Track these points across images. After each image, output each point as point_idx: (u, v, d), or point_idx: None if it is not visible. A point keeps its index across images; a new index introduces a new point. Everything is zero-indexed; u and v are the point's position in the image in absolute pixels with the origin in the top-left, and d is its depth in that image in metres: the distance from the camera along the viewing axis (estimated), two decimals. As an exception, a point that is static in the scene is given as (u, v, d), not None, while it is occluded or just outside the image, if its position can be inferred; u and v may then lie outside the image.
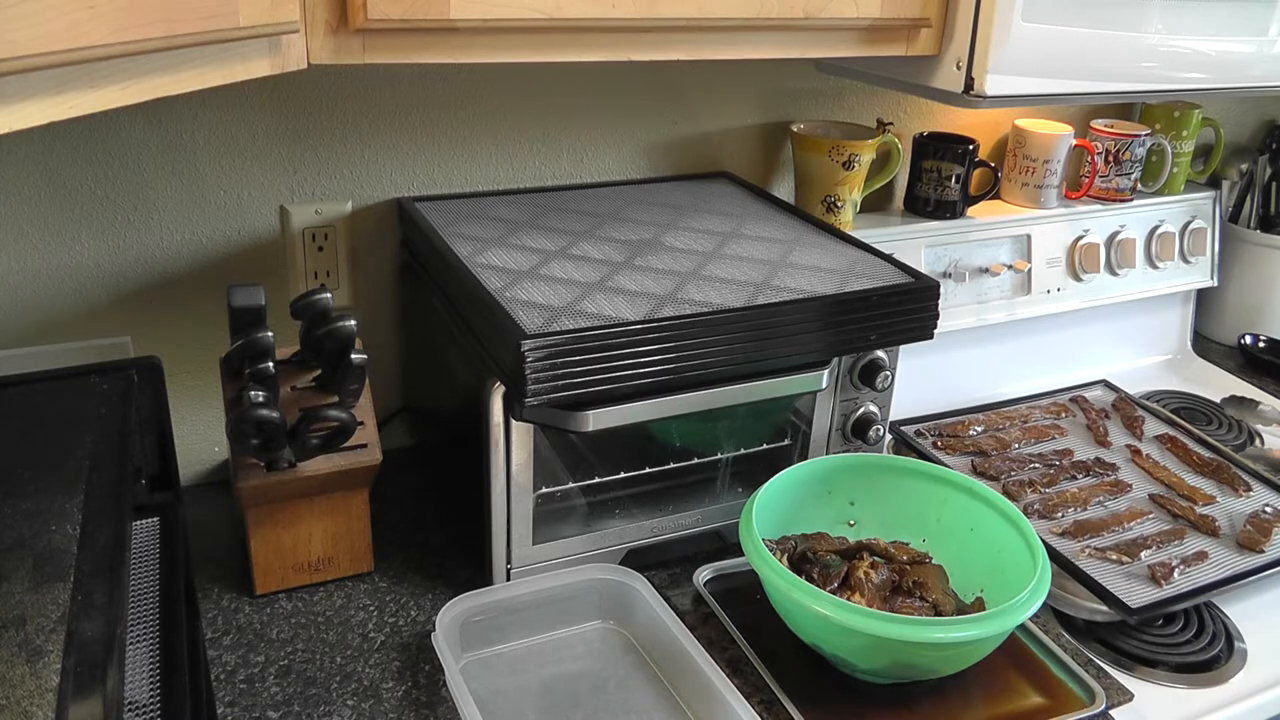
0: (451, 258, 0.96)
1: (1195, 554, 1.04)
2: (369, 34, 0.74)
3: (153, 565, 0.63)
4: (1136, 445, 1.25)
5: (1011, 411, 1.31)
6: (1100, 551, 1.03)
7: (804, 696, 0.85)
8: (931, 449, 1.19)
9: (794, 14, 0.86)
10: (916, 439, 1.21)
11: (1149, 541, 1.05)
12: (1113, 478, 1.17)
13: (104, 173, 0.99)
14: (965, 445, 1.21)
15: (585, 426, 0.87)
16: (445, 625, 0.86)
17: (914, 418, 1.26)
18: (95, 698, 0.43)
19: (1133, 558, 1.02)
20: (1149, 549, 1.04)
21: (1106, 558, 1.02)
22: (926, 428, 1.24)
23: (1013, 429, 1.26)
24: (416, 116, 1.10)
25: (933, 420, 1.26)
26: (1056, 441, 1.25)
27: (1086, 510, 1.10)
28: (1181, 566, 1.01)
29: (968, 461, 1.18)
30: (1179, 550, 1.04)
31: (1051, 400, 1.34)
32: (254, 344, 0.87)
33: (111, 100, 0.57)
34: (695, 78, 1.23)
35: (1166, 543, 1.05)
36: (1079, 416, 1.31)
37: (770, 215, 1.14)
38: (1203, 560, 1.03)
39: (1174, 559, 1.02)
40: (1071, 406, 1.33)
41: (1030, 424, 1.28)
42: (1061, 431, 1.27)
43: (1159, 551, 1.04)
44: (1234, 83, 1.09)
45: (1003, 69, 0.93)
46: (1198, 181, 1.61)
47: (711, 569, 0.99)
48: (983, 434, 1.23)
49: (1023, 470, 1.16)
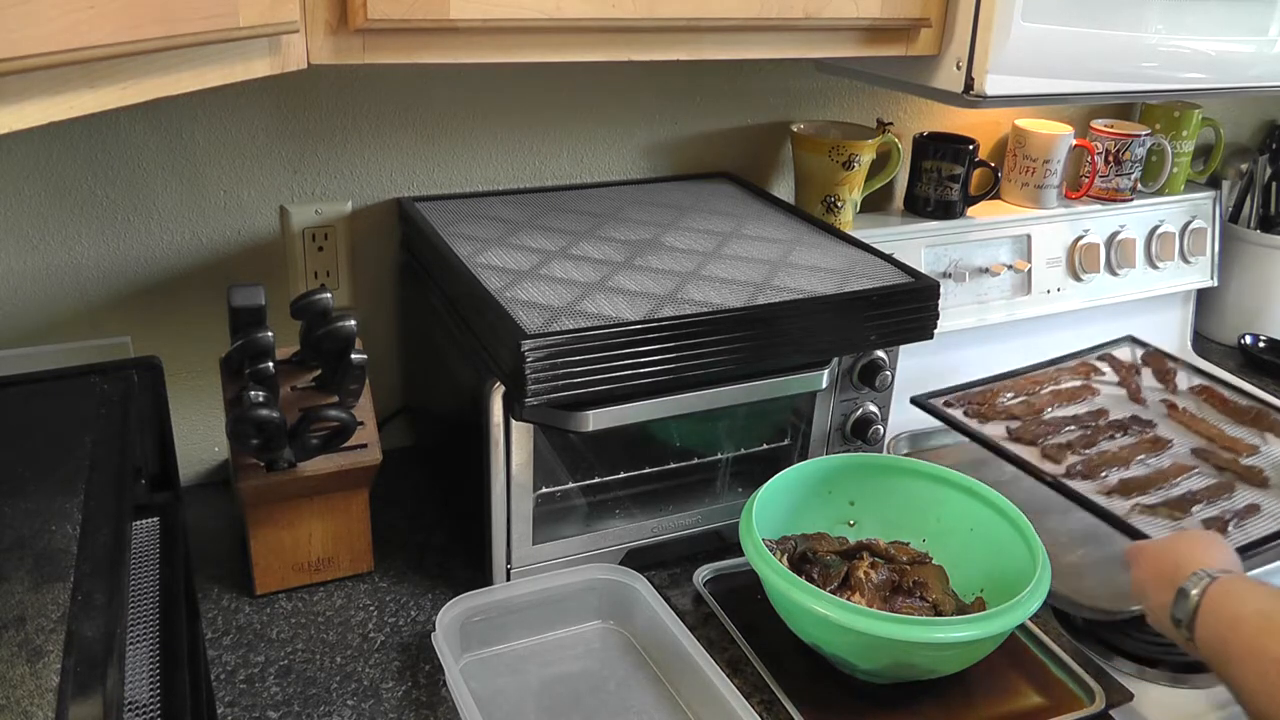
0: (451, 258, 0.96)
1: (1246, 507, 1.01)
2: (369, 34, 0.74)
3: (153, 565, 0.62)
4: (1172, 400, 1.20)
5: (1039, 375, 1.25)
6: (1151, 509, 0.99)
7: (804, 696, 0.85)
8: (963, 418, 1.14)
9: (794, 14, 0.86)
10: (946, 409, 1.15)
11: (1198, 497, 1.02)
12: (1152, 434, 1.13)
13: (104, 173, 0.99)
14: (998, 412, 1.15)
15: (585, 426, 0.87)
16: (445, 625, 0.86)
17: (939, 390, 1.21)
18: (95, 698, 0.43)
19: (1184, 513, 0.99)
20: (1199, 504, 1.01)
21: (1157, 514, 0.99)
22: (955, 398, 1.19)
23: (1044, 393, 1.21)
24: (416, 116, 1.10)
25: (960, 390, 1.21)
26: (1090, 402, 1.20)
27: (1129, 469, 1.07)
28: (1236, 520, 0.98)
29: (1002, 428, 1.13)
30: (1229, 504, 1.02)
31: (1079, 360, 1.29)
32: (254, 344, 0.87)
33: (111, 100, 0.57)
34: (695, 78, 1.23)
35: (1216, 497, 1.02)
36: (1109, 374, 1.26)
37: (770, 215, 1.14)
38: (1255, 514, 1.00)
39: (1226, 514, 0.99)
40: (1100, 365, 1.28)
41: (1061, 386, 1.23)
42: (1093, 392, 1.22)
43: (1209, 506, 1.01)
44: (1234, 83, 1.09)
45: (1003, 69, 0.93)
46: (1198, 181, 1.60)
47: (711, 569, 0.99)
48: (1014, 400, 1.18)
49: (1059, 433, 1.12)
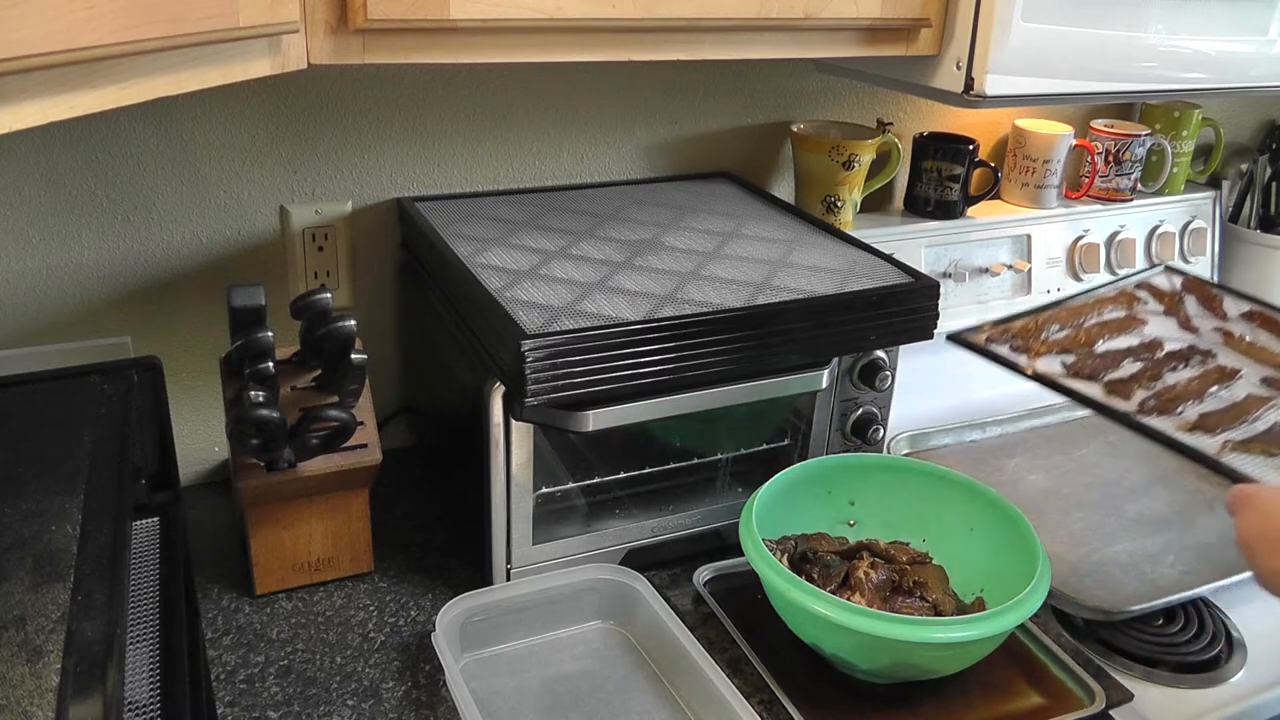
0: (451, 258, 0.96)
1: None
2: (369, 34, 0.74)
3: (153, 565, 0.62)
4: (1225, 327, 1.12)
5: (1078, 305, 1.16)
6: (1243, 445, 0.91)
7: (804, 696, 0.85)
8: (1011, 354, 1.05)
9: (794, 14, 0.86)
10: (990, 345, 1.06)
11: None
12: (1215, 365, 1.04)
13: (104, 173, 0.99)
14: (1046, 346, 1.06)
15: (585, 426, 0.87)
16: (445, 625, 0.86)
17: (973, 327, 1.10)
18: (95, 698, 0.43)
19: (1279, 448, 0.92)
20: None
21: (1250, 451, 0.91)
22: (996, 332, 1.09)
23: (1089, 324, 1.12)
24: (416, 116, 1.10)
25: (999, 324, 1.10)
26: (1140, 333, 1.11)
27: (1203, 402, 0.98)
28: None
29: (1057, 363, 1.04)
30: None
31: (1118, 290, 1.20)
32: (254, 344, 0.87)
33: (111, 100, 0.57)
34: (695, 78, 1.23)
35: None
36: (1151, 303, 1.17)
37: (770, 215, 1.14)
38: None
39: None
40: (1141, 294, 1.20)
41: (1106, 318, 1.14)
42: (1141, 321, 1.13)
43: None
44: (1234, 83, 1.09)
45: (1003, 69, 0.93)
46: (1198, 181, 1.61)
47: (711, 569, 0.99)
48: (1060, 333, 1.09)
49: (1119, 367, 1.03)
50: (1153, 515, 1.13)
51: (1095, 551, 1.06)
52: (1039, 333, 1.06)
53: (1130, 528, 1.11)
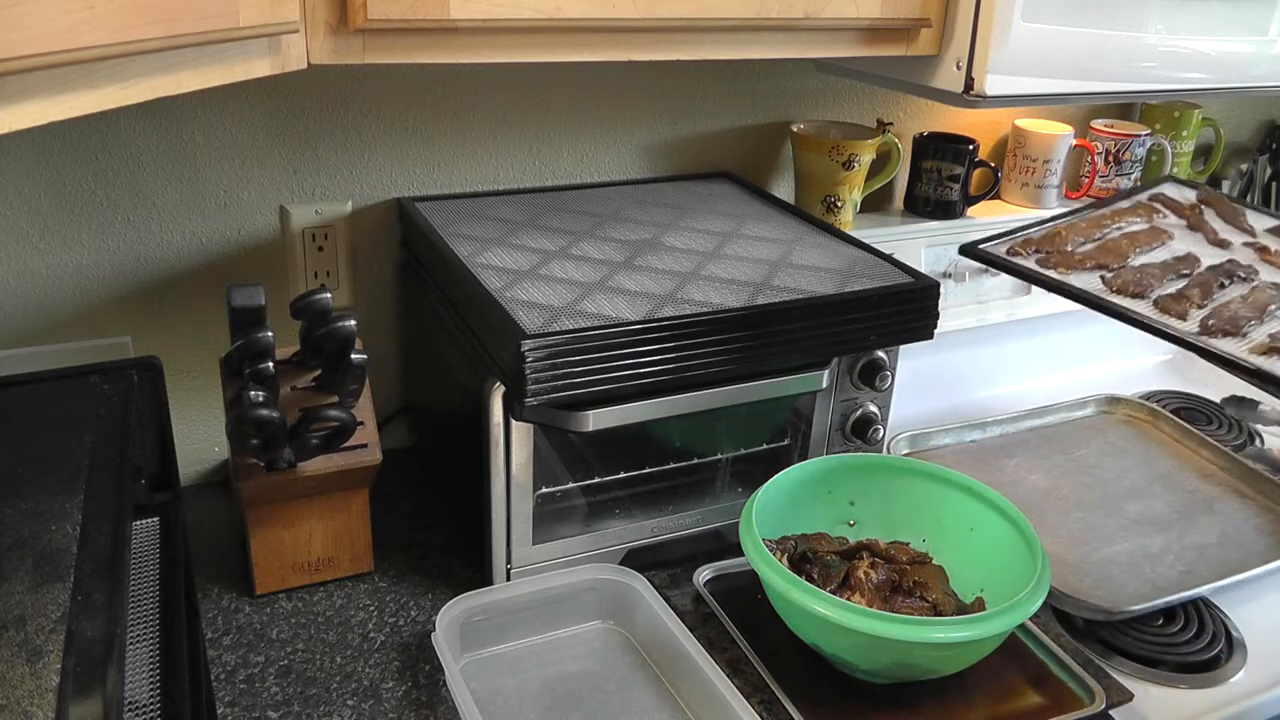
0: (451, 258, 0.96)
1: None
2: (369, 34, 0.74)
3: (153, 565, 0.62)
4: (1258, 242, 1.06)
5: (1097, 216, 1.09)
6: None
7: (804, 696, 0.85)
8: (1040, 268, 0.96)
9: (794, 14, 0.86)
10: (1013, 259, 0.96)
11: None
12: (1265, 281, 0.97)
13: (104, 173, 0.99)
14: (1076, 260, 0.98)
15: (585, 426, 0.87)
16: (445, 625, 0.86)
17: (988, 238, 1.03)
18: (95, 698, 0.43)
19: None
20: None
21: None
22: (1018, 244, 1.00)
23: (1116, 236, 1.04)
24: (416, 116, 1.10)
25: (1016, 235, 1.02)
26: (1169, 247, 1.04)
27: (1266, 322, 0.91)
28: None
29: (1094, 279, 0.96)
30: None
31: (1133, 201, 1.13)
32: (254, 344, 0.87)
33: (111, 100, 0.57)
34: (695, 78, 1.23)
35: None
36: (1171, 217, 1.10)
37: (770, 215, 1.14)
38: None
39: None
40: (1157, 206, 1.13)
41: (1131, 229, 1.07)
42: (1167, 234, 1.06)
43: None
44: (1234, 83, 1.09)
45: (1003, 69, 0.93)
46: (1197, 181, 1.60)
47: (711, 569, 0.99)
48: (1088, 246, 1.01)
49: (1162, 283, 0.95)
50: (1153, 515, 1.13)
51: (1095, 551, 1.06)
52: (1065, 243, 0.98)
53: (1130, 528, 1.11)
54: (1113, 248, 1.00)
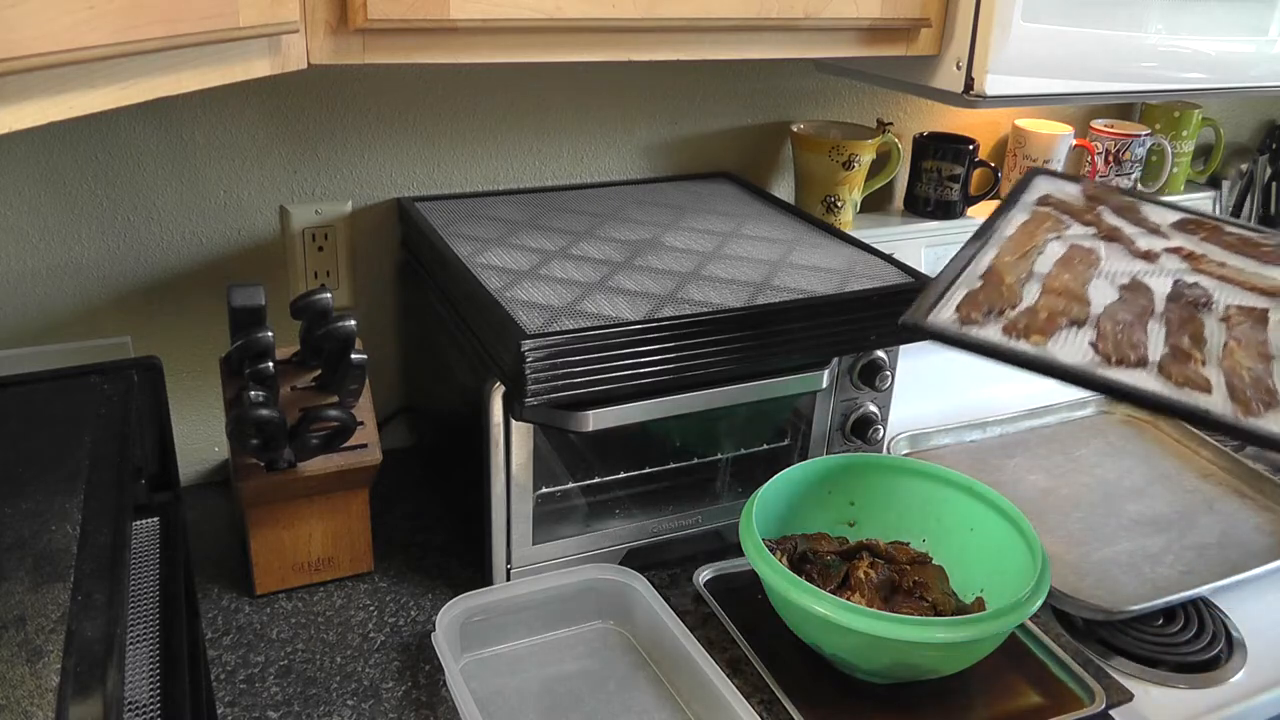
0: (451, 258, 0.96)
1: None
2: (369, 34, 0.74)
3: (153, 565, 0.62)
4: (1177, 246, 0.94)
5: (1012, 240, 0.90)
6: None
7: (804, 696, 0.85)
8: (1009, 341, 0.75)
9: (794, 14, 0.86)
10: (973, 332, 0.77)
11: None
12: (1234, 306, 0.85)
13: (104, 173, 0.99)
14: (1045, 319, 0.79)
15: (585, 426, 0.87)
16: (445, 625, 0.86)
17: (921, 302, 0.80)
18: (95, 698, 0.43)
19: None
20: None
21: None
22: (965, 305, 0.79)
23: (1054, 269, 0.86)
24: (416, 116, 1.10)
25: (946, 294, 0.81)
26: (1106, 272, 0.88)
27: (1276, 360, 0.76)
28: None
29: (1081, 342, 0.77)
30: None
31: (1028, 212, 0.96)
32: (254, 344, 0.87)
33: (111, 100, 0.57)
34: (695, 78, 1.23)
35: None
36: (1073, 224, 0.95)
37: (770, 215, 1.14)
38: None
39: None
40: (1053, 214, 0.96)
41: (1057, 251, 0.89)
42: (1094, 254, 0.89)
43: None
44: (1234, 83, 1.09)
45: (1003, 69, 0.93)
46: (1198, 181, 1.61)
47: (711, 569, 0.99)
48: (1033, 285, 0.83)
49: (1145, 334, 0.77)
50: (1153, 515, 1.13)
51: (1095, 551, 1.06)
52: (1013, 290, 0.84)
53: (1130, 528, 1.11)
54: (1063, 288, 0.85)
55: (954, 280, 0.82)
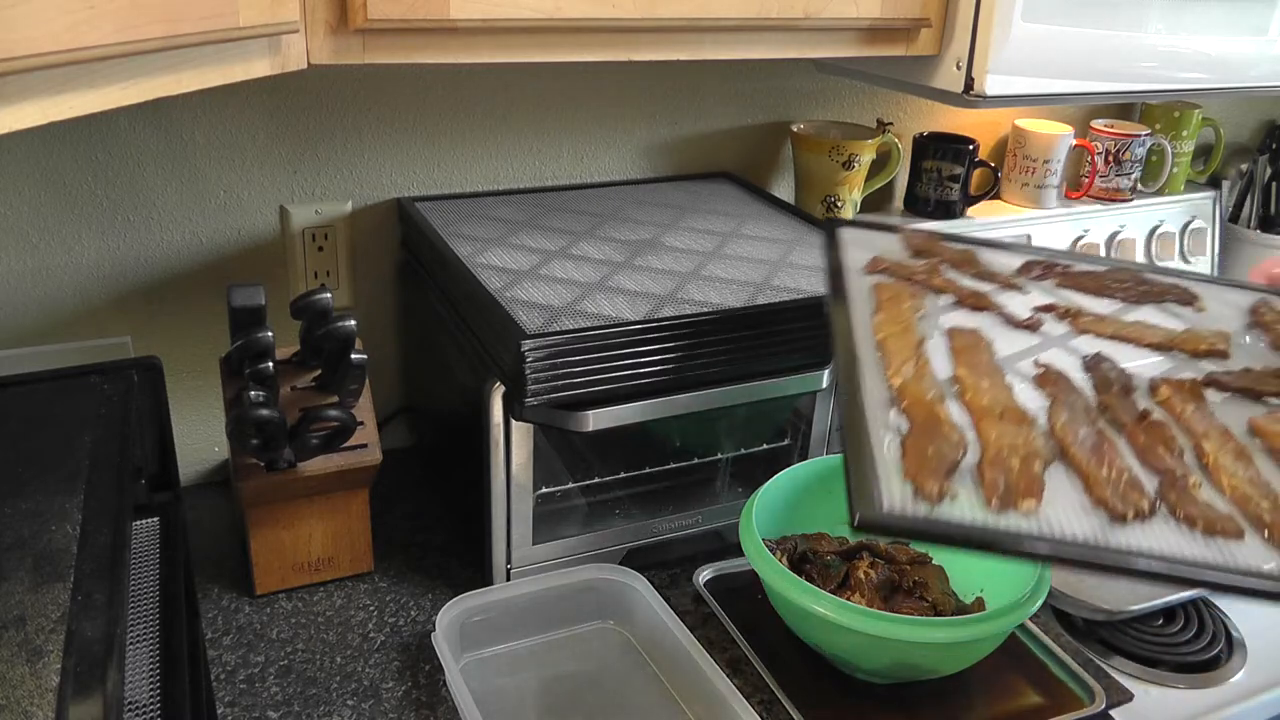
0: (451, 258, 0.96)
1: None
2: (369, 34, 0.74)
3: (153, 565, 0.62)
4: (1055, 304, 0.82)
5: (894, 333, 0.74)
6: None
7: (804, 696, 0.85)
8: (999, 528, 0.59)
9: (794, 14, 0.86)
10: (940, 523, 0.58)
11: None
12: (1136, 371, 0.74)
13: (104, 173, 0.99)
14: (1016, 482, 0.62)
15: (585, 426, 0.87)
16: (445, 625, 0.86)
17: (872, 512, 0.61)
18: (95, 698, 0.43)
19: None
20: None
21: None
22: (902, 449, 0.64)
23: (961, 373, 0.71)
24: (416, 116, 1.10)
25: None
26: (1005, 357, 0.74)
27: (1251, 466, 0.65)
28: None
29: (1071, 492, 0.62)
30: None
31: (865, 287, 0.81)
32: (254, 344, 0.87)
33: (111, 100, 0.57)
34: (695, 78, 1.23)
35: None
36: (928, 299, 0.79)
37: (770, 215, 1.14)
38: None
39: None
40: (896, 285, 0.80)
41: (939, 340, 0.74)
42: (981, 337, 0.74)
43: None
44: (1234, 83, 1.09)
45: (1003, 69, 0.93)
46: (1198, 181, 1.61)
47: (711, 569, 0.99)
48: (954, 404, 0.67)
49: (1105, 455, 0.64)
50: (1153, 515, 1.13)
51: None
52: (954, 433, 0.65)
53: (1130, 528, 1.10)
54: (993, 403, 0.67)
55: (873, 432, 0.64)
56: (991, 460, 0.62)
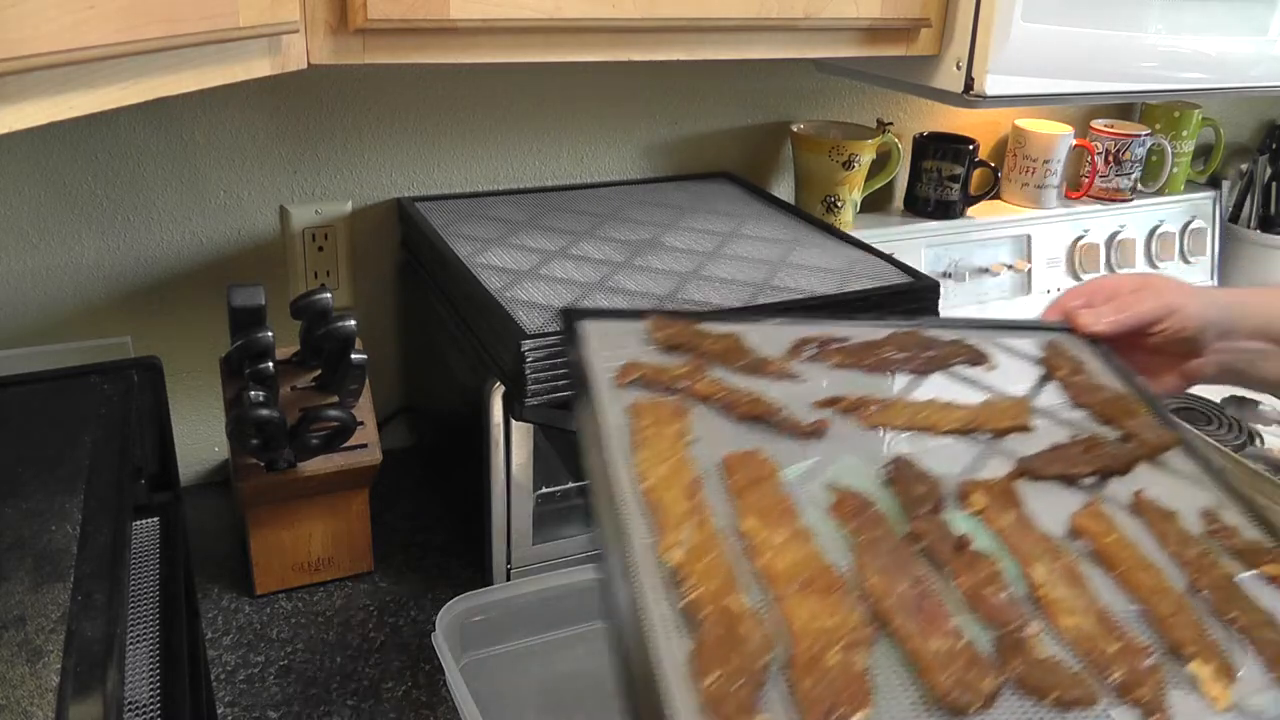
0: (451, 258, 0.96)
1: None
2: (369, 34, 0.74)
3: (153, 565, 0.62)
4: (840, 396, 0.70)
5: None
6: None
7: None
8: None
9: (794, 14, 0.86)
10: None
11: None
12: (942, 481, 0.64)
13: (104, 173, 0.99)
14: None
15: (585, 426, 0.87)
16: (445, 625, 0.86)
17: None
18: (95, 698, 0.43)
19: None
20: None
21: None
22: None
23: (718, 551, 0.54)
24: (416, 116, 1.10)
25: None
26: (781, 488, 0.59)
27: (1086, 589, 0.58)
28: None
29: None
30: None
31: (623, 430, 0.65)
32: (254, 344, 0.87)
33: (111, 100, 0.57)
34: (695, 78, 1.23)
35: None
36: (697, 411, 0.65)
37: (770, 215, 1.14)
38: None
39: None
40: (655, 401, 0.66)
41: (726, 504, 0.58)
42: (763, 469, 0.61)
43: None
44: (1234, 83, 1.09)
45: (1003, 69, 0.93)
46: (1198, 181, 1.61)
47: (711, 569, 0.99)
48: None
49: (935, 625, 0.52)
50: (1153, 515, 1.13)
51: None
52: (759, 628, 0.51)
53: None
54: (797, 571, 0.55)
55: (656, 641, 0.49)
56: (806, 663, 0.50)
